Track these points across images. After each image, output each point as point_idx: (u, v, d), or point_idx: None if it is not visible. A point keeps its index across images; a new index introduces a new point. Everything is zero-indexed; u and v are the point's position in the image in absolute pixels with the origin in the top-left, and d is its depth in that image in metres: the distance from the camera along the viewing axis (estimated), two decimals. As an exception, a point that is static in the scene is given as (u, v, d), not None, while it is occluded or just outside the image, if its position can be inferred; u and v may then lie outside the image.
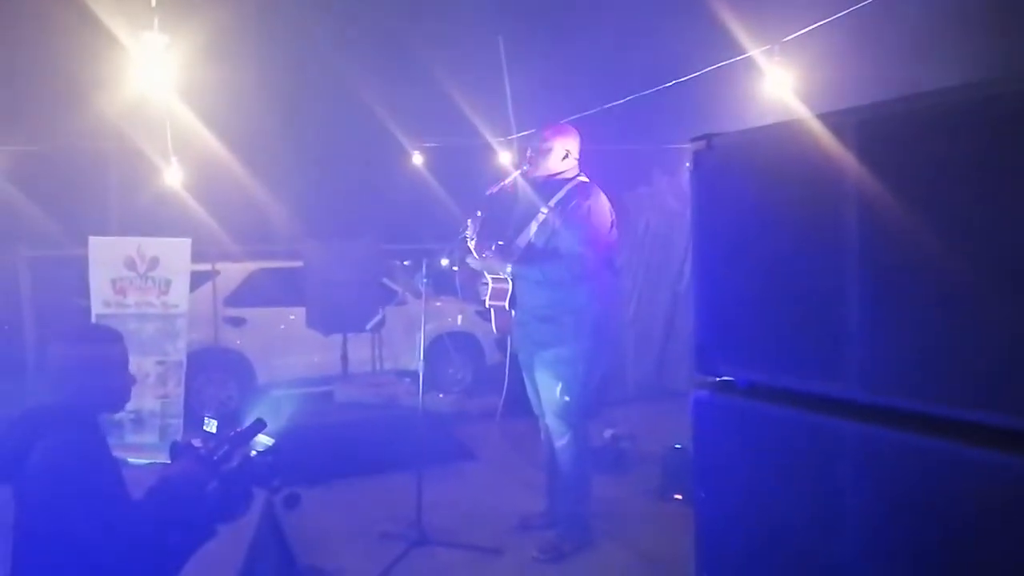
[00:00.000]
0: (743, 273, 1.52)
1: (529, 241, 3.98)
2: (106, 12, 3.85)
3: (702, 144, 1.56)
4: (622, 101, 6.43)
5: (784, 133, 1.46)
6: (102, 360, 2.37)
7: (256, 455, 2.58)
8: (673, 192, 7.66)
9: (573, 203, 3.85)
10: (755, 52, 4.42)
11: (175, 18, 3.84)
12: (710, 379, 1.60)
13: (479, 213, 4.06)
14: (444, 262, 4.37)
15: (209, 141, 7.16)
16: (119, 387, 2.43)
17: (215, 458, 2.46)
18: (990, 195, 1.14)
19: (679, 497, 4.65)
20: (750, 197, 1.49)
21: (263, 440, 2.66)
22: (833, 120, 1.31)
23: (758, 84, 4.66)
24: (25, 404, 2.38)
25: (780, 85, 4.48)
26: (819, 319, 1.35)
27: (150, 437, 6.25)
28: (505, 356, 4.41)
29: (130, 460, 5.97)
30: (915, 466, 1.21)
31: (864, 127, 1.26)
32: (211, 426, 2.62)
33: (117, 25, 3.85)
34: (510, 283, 4.02)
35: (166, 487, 2.34)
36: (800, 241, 1.39)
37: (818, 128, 1.32)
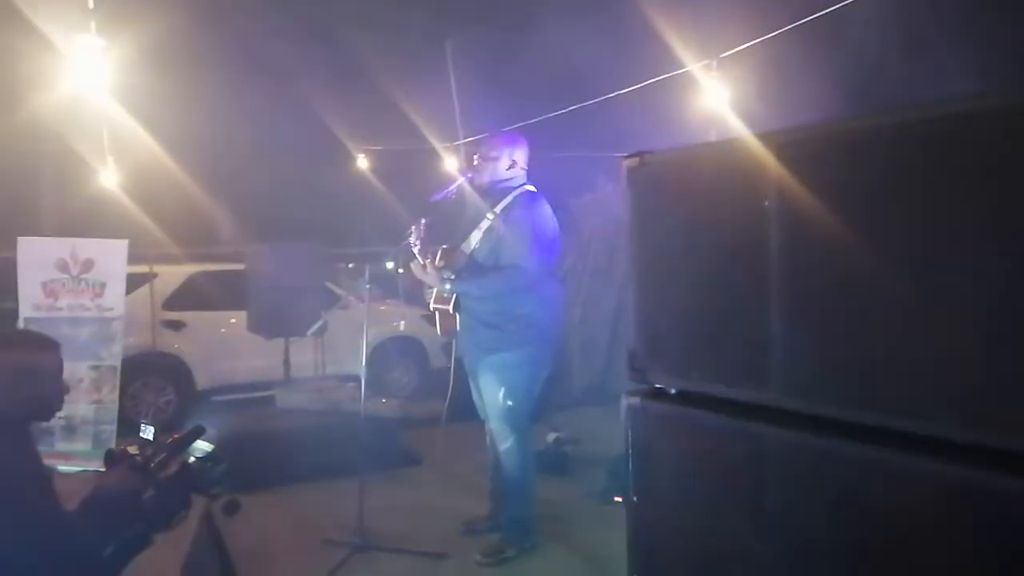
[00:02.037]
0: (675, 285, 1.59)
1: (473, 249, 4.01)
2: (41, 14, 3.76)
3: (636, 161, 1.63)
4: (569, 110, 6.53)
5: (712, 152, 1.54)
6: (34, 367, 2.30)
7: (195, 461, 2.55)
8: (618, 198, 7.76)
9: (517, 212, 3.90)
10: (695, 66, 4.58)
11: (113, 21, 3.76)
12: (643, 386, 1.67)
13: (423, 220, 4.08)
14: (389, 265, 4.39)
15: (148, 143, 7.01)
16: (51, 395, 2.37)
17: (152, 465, 2.42)
18: (898, 215, 1.23)
19: (619, 500, 4.74)
20: (681, 212, 1.56)
21: (202, 446, 2.63)
22: (757, 141, 1.39)
23: (697, 96, 4.82)
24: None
25: (718, 98, 4.65)
26: (744, 329, 1.43)
27: (82, 444, 6.07)
28: (450, 361, 4.44)
29: (60, 468, 5.79)
30: (830, 468, 1.30)
31: (785, 148, 1.34)
32: (148, 432, 2.58)
33: (53, 28, 3.76)
34: (454, 287, 4.05)
35: (100, 497, 2.29)
36: (727, 255, 1.46)
37: (743, 148, 1.40)
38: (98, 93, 4.20)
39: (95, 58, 3.59)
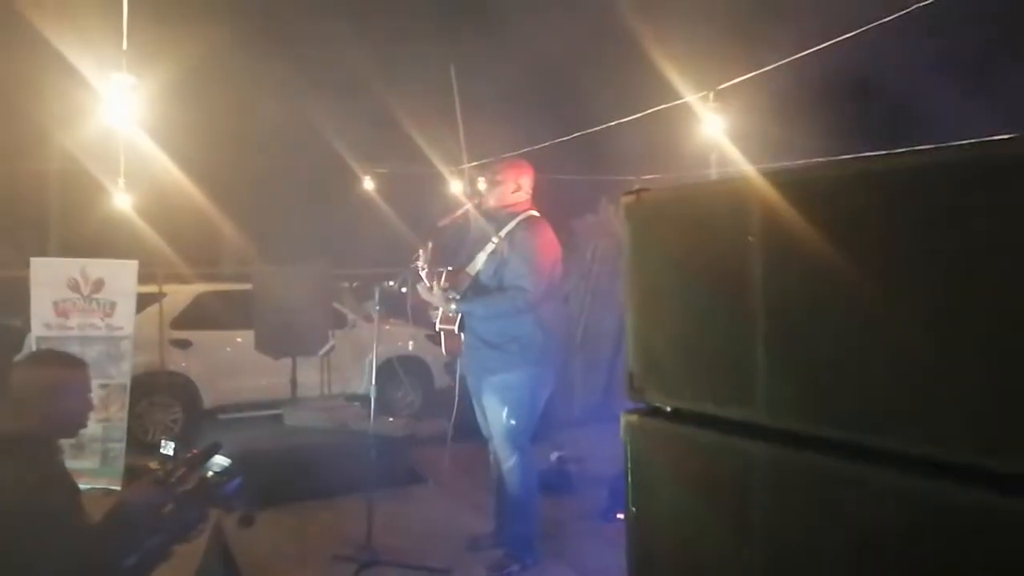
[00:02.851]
0: (669, 311, 1.72)
1: (478, 271, 4.14)
2: (78, 53, 3.96)
3: (632, 197, 1.77)
4: (572, 136, 6.68)
5: (702, 190, 1.67)
6: (64, 385, 2.42)
7: (212, 476, 2.66)
8: (619, 220, 7.89)
9: (520, 236, 4.03)
10: (693, 97, 4.75)
11: (143, 59, 3.96)
12: (640, 405, 1.79)
13: (430, 244, 4.21)
14: (395, 285, 4.52)
15: (160, 166, 7.18)
16: (78, 412, 2.49)
17: (172, 480, 2.53)
18: (868, 250, 1.36)
19: (621, 517, 4.82)
20: (674, 245, 1.69)
21: (219, 461, 2.74)
22: (743, 182, 1.53)
23: (695, 125, 4.98)
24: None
25: (713, 127, 4.81)
26: (732, 352, 1.56)
27: (90, 462, 6.13)
28: (454, 380, 4.54)
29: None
30: (808, 482, 1.42)
31: (768, 189, 1.47)
32: (168, 448, 2.69)
33: (88, 66, 3.96)
34: (459, 306, 4.16)
35: (123, 511, 2.40)
36: (716, 284, 1.59)
37: (730, 188, 1.53)
38: (124, 125, 4.38)
39: (124, 93, 3.78)
